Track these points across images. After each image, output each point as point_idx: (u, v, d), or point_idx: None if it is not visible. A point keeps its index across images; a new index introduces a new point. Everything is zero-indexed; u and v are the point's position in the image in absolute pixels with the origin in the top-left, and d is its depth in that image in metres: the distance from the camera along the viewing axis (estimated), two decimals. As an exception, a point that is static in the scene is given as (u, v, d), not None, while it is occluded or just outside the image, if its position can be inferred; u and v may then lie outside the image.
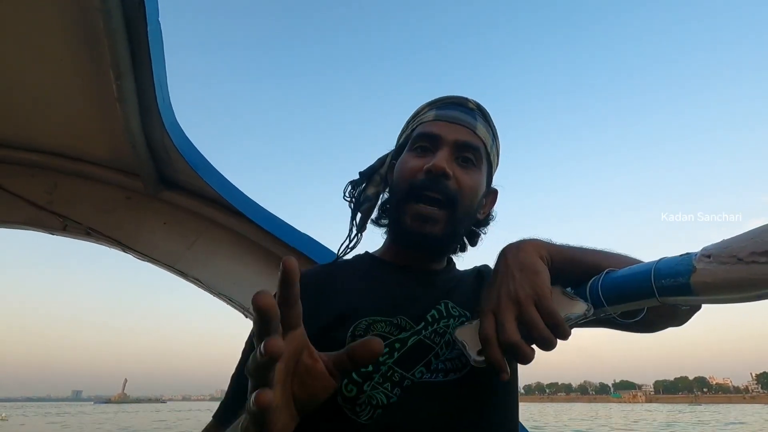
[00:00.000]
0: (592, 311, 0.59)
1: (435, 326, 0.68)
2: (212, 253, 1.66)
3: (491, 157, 0.80)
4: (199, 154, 1.48)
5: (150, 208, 1.69)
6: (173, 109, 1.36)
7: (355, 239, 0.85)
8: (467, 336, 0.61)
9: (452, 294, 0.75)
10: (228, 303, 1.61)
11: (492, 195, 0.85)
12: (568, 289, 0.64)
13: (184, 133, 1.43)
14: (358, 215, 0.85)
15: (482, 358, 0.57)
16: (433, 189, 0.70)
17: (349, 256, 0.86)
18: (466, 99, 0.80)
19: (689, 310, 0.67)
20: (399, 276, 0.77)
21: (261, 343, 0.37)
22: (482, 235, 0.86)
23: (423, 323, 0.68)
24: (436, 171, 0.70)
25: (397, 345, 0.65)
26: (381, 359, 0.63)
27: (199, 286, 1.65)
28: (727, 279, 0.47)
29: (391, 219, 0.79)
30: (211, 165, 1.50)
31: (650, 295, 0.55)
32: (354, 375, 0.61)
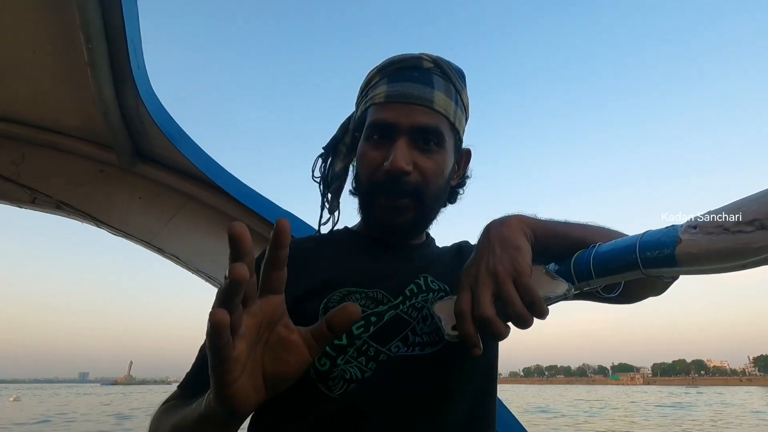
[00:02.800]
0: (572, 291, 0.58)
1: (413, 300, 0.67)
2: (191, 230, 1.62)
3: (457, 123, 0.74)
4: (177, 126, 1.43)
5: (125, 182, 1.64)
6: (149, 76, 1.30)
7: (330, 218, 0.82)
8: (444, 311, 0.61)
9: (431, 267, 0.74)
10: (207, 280, 1.58)
11: (465, 156, 0.83)
12: (552, 265, 0.64)
13: (160, 102, 1.38)
14: (329, 195, 0.83)
15: (456, 333, 0.56)
16: (395, 191, 0.69)
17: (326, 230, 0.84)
18: (420, 58, 0.73)
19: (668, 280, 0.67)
20: (377, 250, 0.75)
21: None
22: (461, 193, 0.84)
23: (401, 297, 0.67)
24: (395, 171, 0.67)
25: (373, 318, 0.64)
26: (356, 332, 0.62)
27: (177, 263, 1.62)
28: (713, 249, 0.47)
29: (361, 207, 0.77)
30: (189, 137, 1.45)
31: (634, 268, 0.55)
32: (327, 348, 0.60)
